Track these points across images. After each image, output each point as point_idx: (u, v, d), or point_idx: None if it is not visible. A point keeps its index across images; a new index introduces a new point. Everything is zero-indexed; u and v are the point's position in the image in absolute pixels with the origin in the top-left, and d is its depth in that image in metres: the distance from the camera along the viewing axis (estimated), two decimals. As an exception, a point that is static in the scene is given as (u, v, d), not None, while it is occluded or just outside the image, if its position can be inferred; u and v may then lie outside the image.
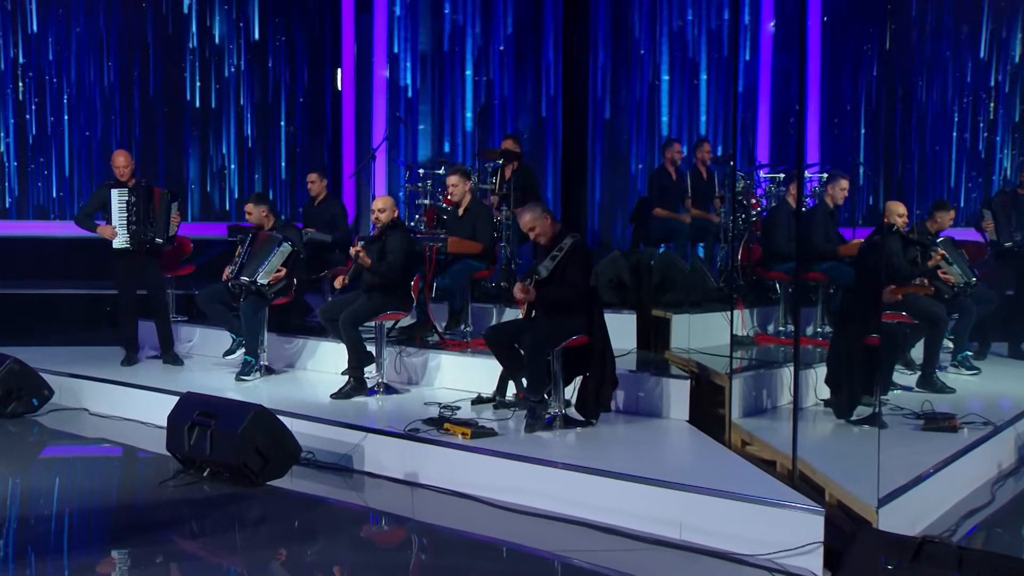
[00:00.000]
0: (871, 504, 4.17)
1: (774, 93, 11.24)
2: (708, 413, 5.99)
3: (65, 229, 10.10)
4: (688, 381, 6.05)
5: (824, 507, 4.28)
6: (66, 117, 10.94)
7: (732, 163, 8.39)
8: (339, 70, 11.69)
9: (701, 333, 6.97)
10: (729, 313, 6.62)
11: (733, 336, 6.22)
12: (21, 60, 10.78)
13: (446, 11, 11.26)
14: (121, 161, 7.54)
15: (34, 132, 10.87)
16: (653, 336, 7.24)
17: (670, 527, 4.52)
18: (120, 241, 7.48)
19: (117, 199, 7.49)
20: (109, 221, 7.50)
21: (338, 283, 6.74)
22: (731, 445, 5.58)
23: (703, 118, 11.35)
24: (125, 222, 7.46)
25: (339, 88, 11.70)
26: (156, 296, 7.73)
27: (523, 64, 11.29)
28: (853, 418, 5.74)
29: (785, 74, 11.10)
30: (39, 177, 10.95)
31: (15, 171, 10.87)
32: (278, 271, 7.13)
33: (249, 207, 7.38)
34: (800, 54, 9.79)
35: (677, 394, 6.02)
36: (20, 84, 10.79)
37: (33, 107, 10.84)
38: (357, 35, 11.56)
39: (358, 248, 6.62)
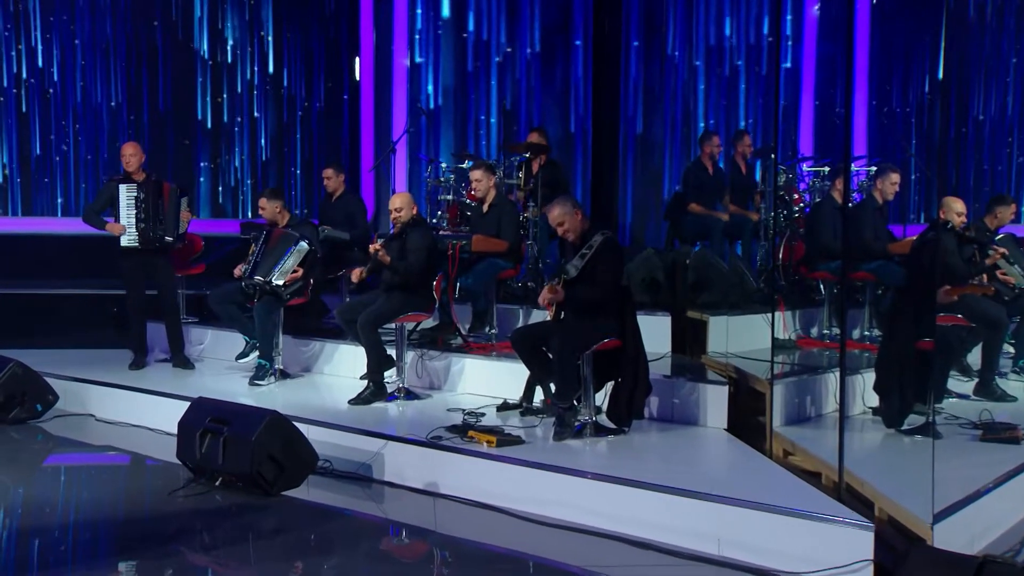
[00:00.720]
0: (925, 520, 4.13)
1: (819, 81, 11.15)
2: (747, 421, 5.96)
3: (70, 226, 10.22)
4: (726, 387, 6.02)
5: (874, 522, 4.25)
6: (73, 130, 11.07)
7: (773, 156, 8.34)
8: (357, 58, 11.74)
9: (740, 336, 6.94)
10: (770, 315, 6.58)
11: (774, 339, 6.20)
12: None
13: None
14: (128, 150, 7.61)
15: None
16: (689, 339, 7.22)
17: (708, 542, 4.50)
18: (128, 239, 7.54)
19: (125, 195, 7.56)
20: (117, 218, 7.57)
21: (355, 276, 6.76)
22: (772, 455, 5.56)
23: (741, 109, 11.29)
24: (133, 219, 7.52)
25: (357, 78, 11.74)
26: (166, 296, 7.79)
27: (552, 57, 11.28)
28: (904, 428, 5.69)
29: (831, 60, 11.01)
30: (42, 188, 11.08)
31: (19, 187, 11.00)
32: (294, 271, 7.16)
33: (263, 202, 7.44)
34: (847, 39, 9.71)
35: (714, 401, 6.00)
36: (23, 98, 10.93)
37: (37, 122, 10.97)
38: (376, 22, 11.61)
39: (377, 246, 6.64)
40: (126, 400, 7.09)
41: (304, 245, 7.20)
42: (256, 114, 11.56)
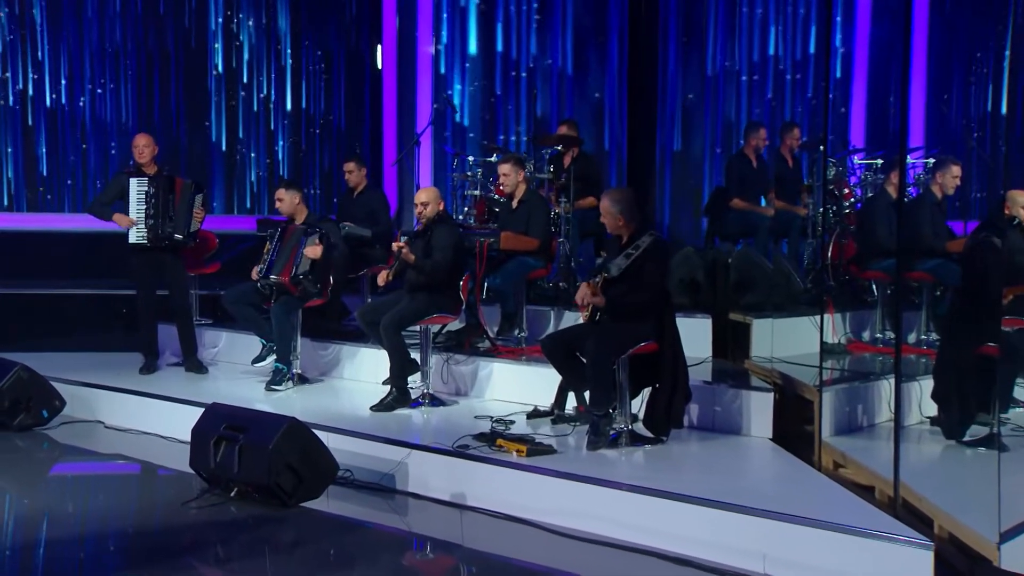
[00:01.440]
0: (991, 539, 4.09)
1: (872, 66, 11.02)
2: (794, 430, 5.94)
3: (78, 222, 10.29)
4: (771, 394, 6.00)
5: (933, 541, 4.21)
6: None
7: (822, 148, 8.29)
8: (379, 46, 11.77)
9: (786, 340, 6.91)
10: (818, 318, 6.54)
11: (823, 344, 6.17)
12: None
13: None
14: (141, 141, 7.65)
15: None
16: (731, 343, 7.20)
17: (752, 559, 4.47)
18: (136, 236, 7.58)
19: (135, 189, 7.60)
20: (127, 213, 7.60)
21: (381, 279, 6.79)
22: (821, 467, 5.53)
23: (787, 98, 11.19)
24: (143, 215, 7.56)
25: (379, 66, 11.78)
26: (178, 297, 7.84)
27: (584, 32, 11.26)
28: (966, 439, 5.63)
29: (885, 44, 10.89)
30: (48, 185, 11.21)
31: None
32: (313, 251, 7.15)
33: (280, 193, 7.46)
34: (905, 19, 9.59)
35: (759, 409, 5.98)
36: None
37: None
38: (399, 6, 11.65)
39: (401, 243, 6.66)
40: (136, 406, 7.15)
41: (315, 233, 7.23)
42: (272, 104, 11.62)
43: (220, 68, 11.41)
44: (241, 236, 9.83)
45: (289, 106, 11.65)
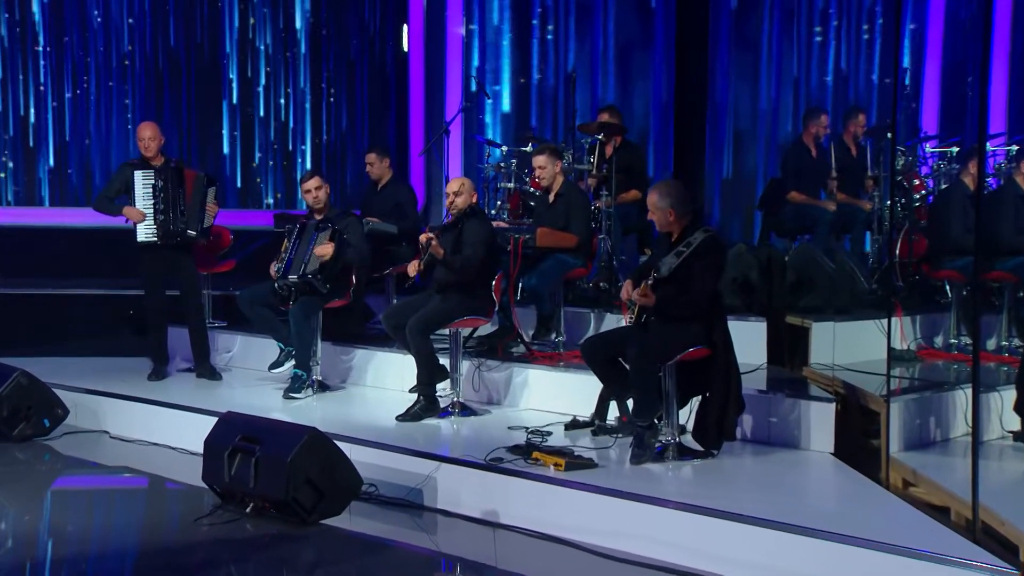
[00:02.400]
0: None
1: (947, 45, 10.89)
2: (858, 444, 5.91)
3: (82, 217, 10.38)
4: (832, 404, 5.97)
5: (1019, 570, 4.17)
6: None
7: (890, 135, 8.22)
8: (405, 27, 11.81)
9: (849, 345, 6.88)
10: (885, 321, 6.49)
11: (891, 350, 6.12)
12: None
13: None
14: (147, 133, 7.66)
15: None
16: (788, 349, 7.17)
17: (813, 585, 4.46)
18: (145, 233, 7.63)
19: (141, 182, 7.64)
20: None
21: (412, 268, 6.79)
22: (889, 485, 5.49)
23: (852, 80, 11.09)
24: (151, 210, 7.61)
25: (405, 49, 11.82)
26: (189, 298, 7.89)
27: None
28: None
29: (963, 21, 10.76)
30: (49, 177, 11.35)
31: (23, 175, 11.27)
32: (323, 250, 7.18)
33: (317, 179, 7.42)
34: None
35: (819, 420, 5.94)
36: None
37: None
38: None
39: (431, 235, 6.66)
40: (145, 415, 7.21)
41: (328, 228, 7.26)
42: (289, 90, 11.69)
43: (235, 58, 11.52)
44: (257, 232, 9.89)
45: (308, 91, 11.71)
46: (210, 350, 8.12)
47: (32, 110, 11.30)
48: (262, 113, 11.69)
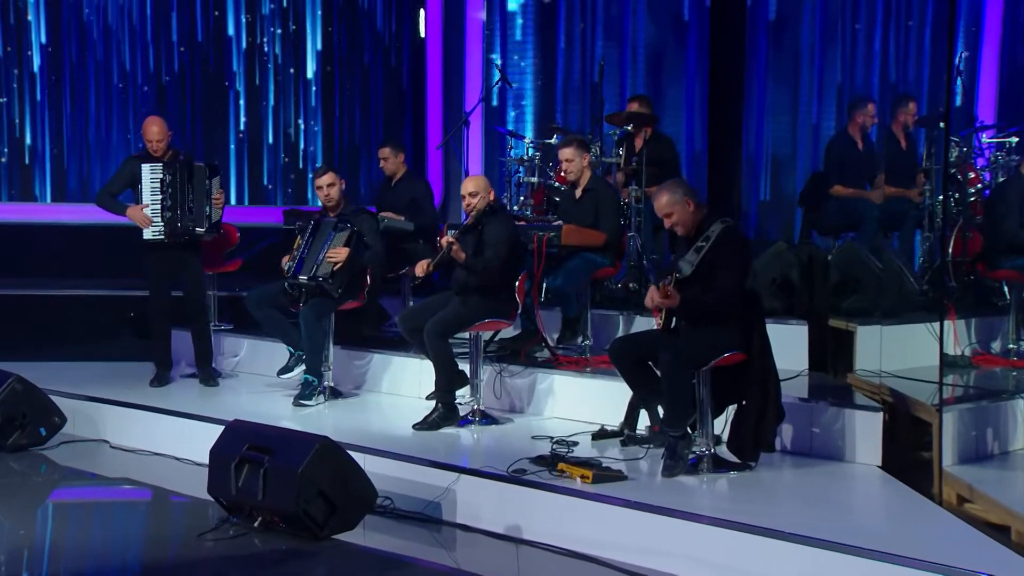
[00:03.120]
0: None
1: (1006, 26, 10.80)
2: (908, 457, 5.89)
3: (80, 214, 10.46)
4: (880, 414, 5.95)
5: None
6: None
7: (943, 124, 8.17)
8: (422, 11, 11.83)
9: (897, 351, 6.84)
10: (937, 325, 6.45)
11: (943, 355, 6.08)
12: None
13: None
14: (154, 132, 7.67)
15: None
16: (831, 354, 7.15)
17: (859, 607, 4.45)
18: (152, 232, 7.66)
19: (149, 176, 7.67)
20: (139, 203, 7.66)
21: (420, 268, 6.79)
22: (942, 501, 5.45)
23: (901, 65, 11.00)
24: (159, 207, 7.64)
25: (422, 35, 11.84)
26: (194, 298, 7.93)
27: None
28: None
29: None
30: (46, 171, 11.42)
31: (17, 169, 11.35)
32: (336, 254, 7.20)
33: (330, 175, 7.44)
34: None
35: (865, 431, 5.92)
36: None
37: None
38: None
39: (450, 238, 6.67)
40: (147, 423, 7.25)
41: (345, 227, 7.28)
42: (297, 76, 11.73)
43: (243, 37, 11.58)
44: (265, 230, 9.92)
45: (316, 78, 11.74)
46: (213, 354, 8.15)
47: (27, 109, 11.37)
48: (273, 102, 11.72)
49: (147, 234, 7.66)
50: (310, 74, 11.78)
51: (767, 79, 10.92)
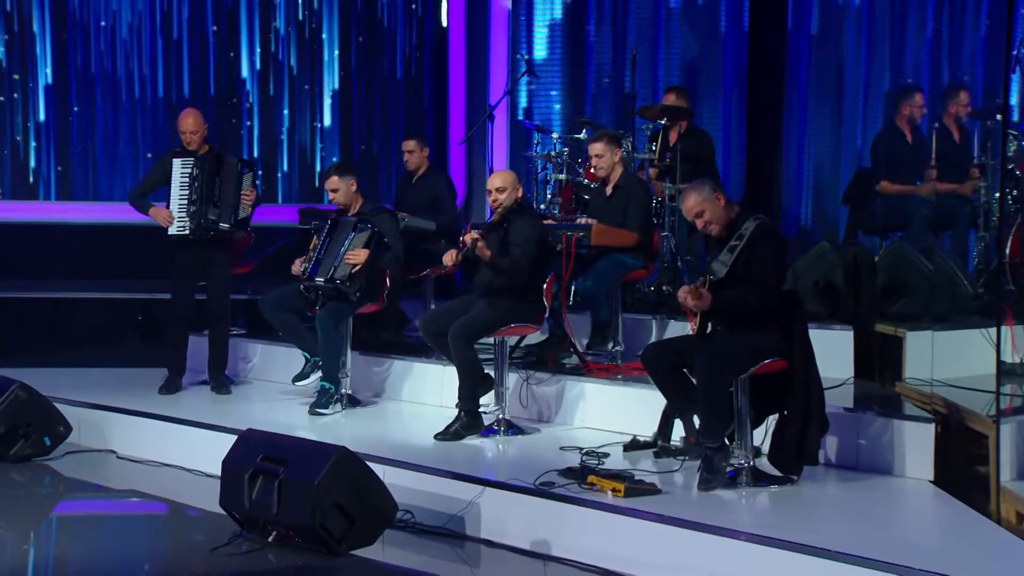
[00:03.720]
0: None
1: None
2: (962, 471, 5.86)
3: (86, 213, 10.51)
4: (931, 425, 5.92)
5: None
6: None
7: (1000, 116, 8.12)
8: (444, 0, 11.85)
9: (950, 358, 6.82)
10: (993, 330, 6.41)
11: (1000, 363, 6.04)
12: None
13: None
14: (189, 124, 7.76)
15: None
16: (878, 361, 7.13)
17: (910, 631, 4.43)
18: (177, 227, 7.73)
19: (179, 171, 7.75)
20: (168, 201, 7.75)
21: (448, 258, 6.79)
22: (1000, 519, 5.41)
23: (954, 51, 10.91)
24: (186, 201, 7.71)
25: (444, 24, 11.85)
26: (218, 300, 7.98)
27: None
28: None
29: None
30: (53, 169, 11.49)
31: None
32: (355, 256, 7.22)
33: (333, 181, 7.48)
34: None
35: (915, 443, 5.90)
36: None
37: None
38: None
39: (475, 235, 6.67)
40: (156, 432, 7.28)
41: (365, 228, 7.30)
42: (313, 70, 11.76)
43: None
44: (279, 229, 9.95)
45: (336, 69, 11.76)
46: (227, 361, 8.18)
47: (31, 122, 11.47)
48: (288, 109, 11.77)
49: (172, 229, 7.75)
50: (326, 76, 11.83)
51: (809, 71, 10.87)
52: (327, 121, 11.79)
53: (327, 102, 11.77)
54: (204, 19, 11.53)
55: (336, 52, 11.78)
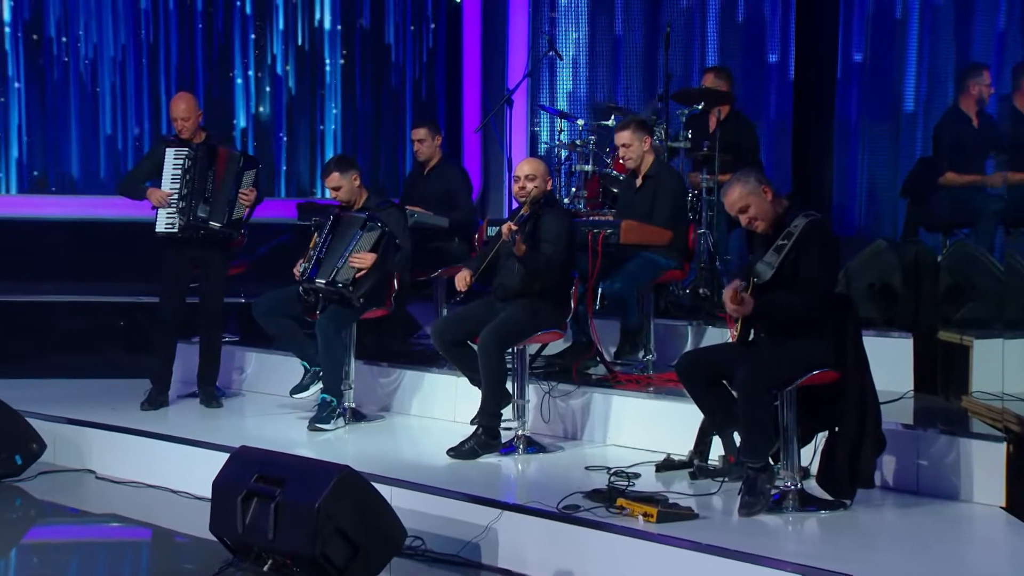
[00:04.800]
0: None
1: None
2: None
3: (62, 208, 10.54)
4: (1003, 445, 5.90)
5: None
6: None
7: None
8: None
9: (1022, 369, 6.76)
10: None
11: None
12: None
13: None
14: (181, 109, 7.80)
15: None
16: (941, 372, 7.12)
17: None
18: (166, 223, 7.76)
19: (171, 161, 7.79)
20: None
21: (461, 282, 6.78)
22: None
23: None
24: (176, 196, 7.73)
25: (458, 0, 11.87)
26: (211, 304, 8.03)
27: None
28: None
29: None
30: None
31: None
32: (361, 259, 7.23)
33: (334, 177, 7.49)
34: None
35: (984, 464, 5.89)
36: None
37: None
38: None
39: (513, 226, 6.62)
40: (139, 450, 7.30)
41: (375, 227, 7.30)
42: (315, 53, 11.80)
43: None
44: (275, 226, 9.97)
45: (338, 47, 11.79)
46: (219, 371, 8.21)
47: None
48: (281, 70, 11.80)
49: (159, 226, 7.77)
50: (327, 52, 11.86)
51: (864, 49, 10.86)
52: (333, 106, 11.84)
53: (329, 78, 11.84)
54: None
55: (339, 28, 11.81)
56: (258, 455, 5.79)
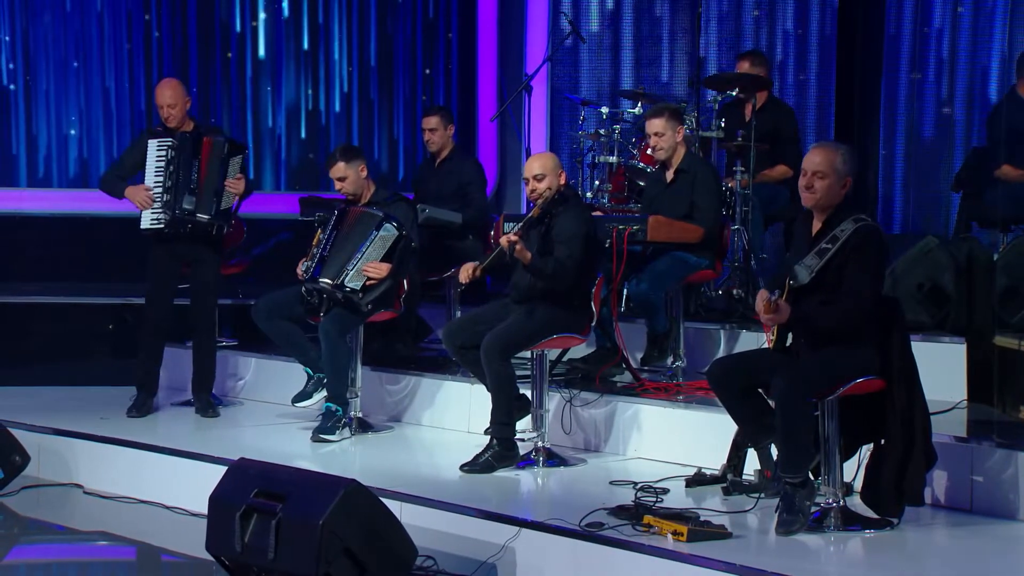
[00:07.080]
0: None
1: None
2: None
3: (46, 202, 10.57)
4: (1064, 459, 5.89)
5: None
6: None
7: None
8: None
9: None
10: None
11: None
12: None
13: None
14: (167, 96, 7.83)
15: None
16: (998, 381, 7.08)
17: None
18: (151, 218, 7.79)
19: (154, 153, 7.82)
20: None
21: (464, 274, 6.79)
22: None
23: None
24: (160, 189, 7.76)
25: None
26: (202, 305, 8.04)
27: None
28: None
29: None
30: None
31: None
32: (375, 270, 7.26)
33: (340, 167, 7.49)
34: None
35: (1045, 481, 5.88)
36: None
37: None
38: None
39: (512, 235, 6.65)
40: (130, 463, 7.32)
41: (391, 229, 7.32)
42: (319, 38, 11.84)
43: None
44: (276, 221, 10.00)
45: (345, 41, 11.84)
46: (214, 378, 8.23)
47: None
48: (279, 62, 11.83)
49: (144, 222, 7.80)
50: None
51: (913, 31, 10.85)
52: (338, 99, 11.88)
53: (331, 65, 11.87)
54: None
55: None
56: (258, 468, 5.81)
